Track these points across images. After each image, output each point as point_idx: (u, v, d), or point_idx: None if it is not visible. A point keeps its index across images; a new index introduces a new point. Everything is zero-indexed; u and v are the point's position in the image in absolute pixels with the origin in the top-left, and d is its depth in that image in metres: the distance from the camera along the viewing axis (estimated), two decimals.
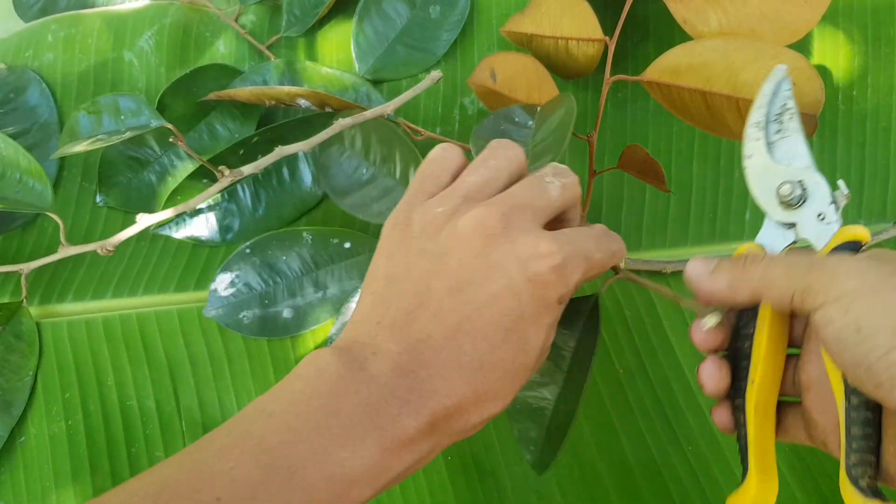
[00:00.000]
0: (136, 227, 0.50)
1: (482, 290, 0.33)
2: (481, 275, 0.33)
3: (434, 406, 0.32)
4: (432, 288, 0.34)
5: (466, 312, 0.33)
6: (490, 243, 0.34)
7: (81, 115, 0.53)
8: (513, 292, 0.33)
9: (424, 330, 0.33)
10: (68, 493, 0.51)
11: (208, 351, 0.54)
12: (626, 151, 0.50)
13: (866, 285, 0.29)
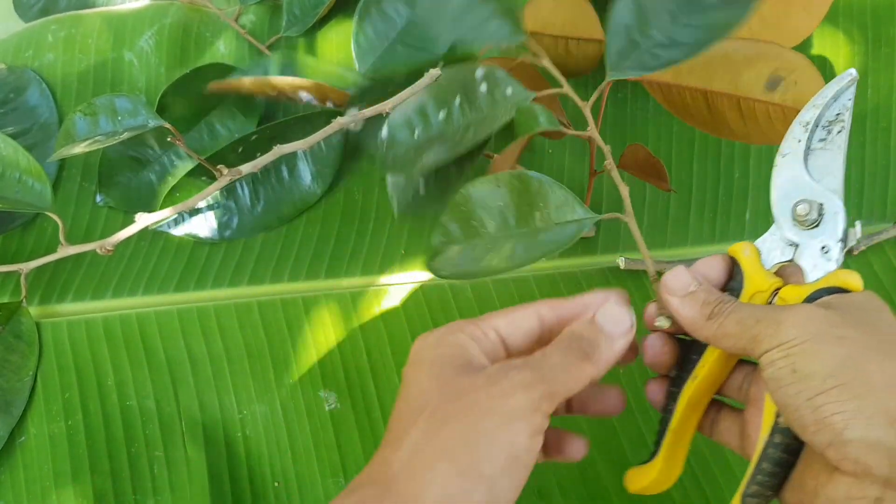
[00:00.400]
0: (135, 226, 0.50)
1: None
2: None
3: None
4: None
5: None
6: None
7: (78, 116, 0.53)
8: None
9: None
10: (68, 493, 0.51)
11: (208, 351, 0.54)
12: (627, 151, 0.50)
13: (808, 333, 0.30)
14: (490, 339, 0.36)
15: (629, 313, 0.36)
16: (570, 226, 0.41)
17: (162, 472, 0.52)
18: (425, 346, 0.36)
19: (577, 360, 0.34)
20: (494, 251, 0.42)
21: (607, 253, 0.56)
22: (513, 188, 0.41)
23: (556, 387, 0.33)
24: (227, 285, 0.56)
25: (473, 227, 0.42)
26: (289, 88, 0.53)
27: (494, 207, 0.42)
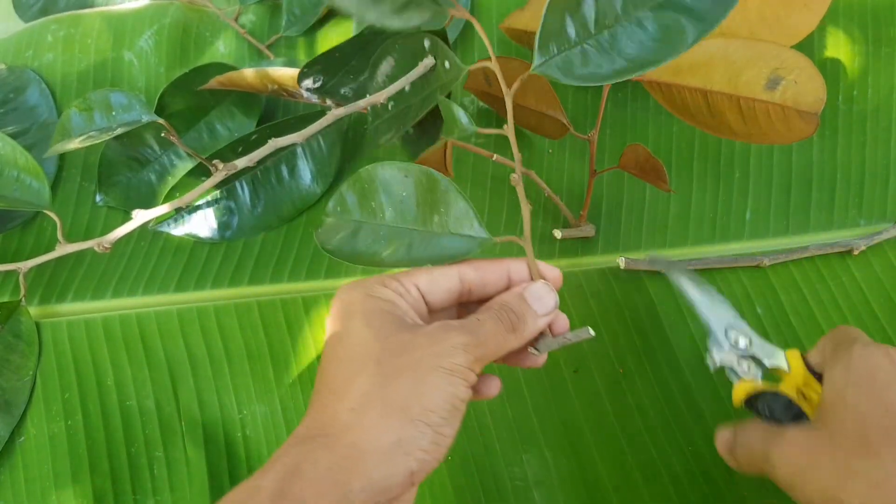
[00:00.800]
0: (132, 223, 0.49)
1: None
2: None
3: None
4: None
5: None
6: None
7: (73, 112, 0.53)
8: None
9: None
10: (68, 493, 0.51)
11: (208, 351, 0.54)
12: (627, 151, 0.50)
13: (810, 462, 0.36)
14: (412, 295, 0.39)
15: (555, 295, 0.40)
16: (464, 240, 0.40)
17: (162, 473, 0.52)
18: (355, 299, 0.38)
19: (506, 330, 0.38)
20: (386, 242, 0.41)
21: (607, 253, 0.56)
22: (419, 183, 0.41)
23: (487, 351, 0.37)
24: (227, 285, 0.56)
25: (372, 208, 0.42)
26: (289, 82, 0.53)
27: (397, 196, 0.41)
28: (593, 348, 0.53)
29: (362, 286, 0.39)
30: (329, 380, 0.36)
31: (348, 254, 0.42)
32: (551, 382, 0.52)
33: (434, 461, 0.34)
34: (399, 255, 0.41)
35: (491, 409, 0.52)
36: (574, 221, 0.55)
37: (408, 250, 0.41)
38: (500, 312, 0.38)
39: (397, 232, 0.41)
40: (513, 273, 0.41)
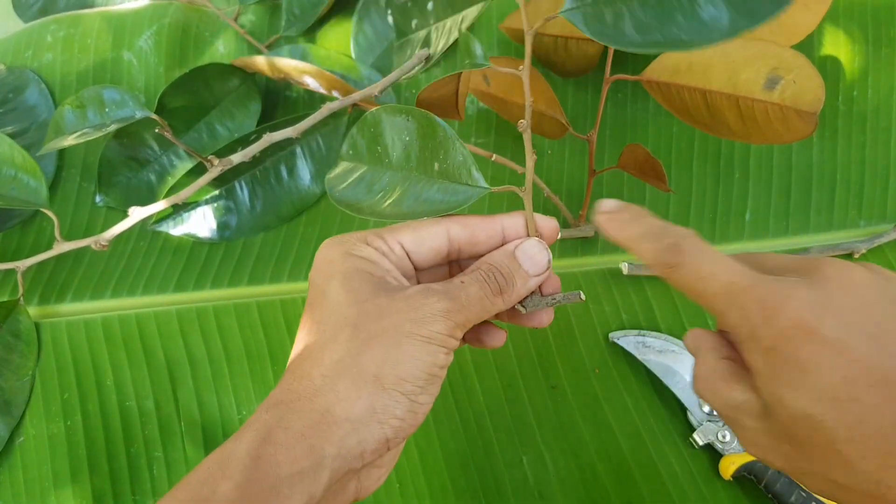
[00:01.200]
0: (129, 220, 0.49)
1: None
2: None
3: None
4: None
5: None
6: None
7: (67, 109, 0.53)
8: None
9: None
10: (67, 493, 0.51)
11: (207, 351, 0.54)
12: (626, 151, 0.50)
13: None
14: (396, 253, 0.38)
15: (548, 253, 0.38)
16: (462, 188, 0.39)
17: (161, 473, 0.52)
18: (335, 257, 0.37)
19: (492, 293, 0.36)
20: (388, 190, 0.40)
21: (607, 253, 0.56)
22: (420, 127, 0.40)
23: (470, 316, 0.35)
24: (227, 285, 0.56)
25: (378, 153, 0.41)
26: (294, 72, 0.53)
27: (400, 139, 0.40)
28: (592, 348, 0.53)
29: (343, 244, 0.37)
30: (304, 344, 0.35)
31: (351, 204, 0.41)
32: (549, 383, 0.52)
33: (411, 427, 0.34)
34: (399, 204, 0.39)
35: (490, 411, 0.52)
36: (573, 221, 0.55)
37: (406, 198, 0.40)
38: (487, 274, 0.37)
39: (400, 178, 0.40)
40: (507, 230, 0.39)
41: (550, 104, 0.51)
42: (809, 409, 0.29)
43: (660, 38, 0.35)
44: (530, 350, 0.53)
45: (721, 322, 0.33)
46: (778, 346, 0.30)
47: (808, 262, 0.33)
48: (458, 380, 0.53)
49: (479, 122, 0.59)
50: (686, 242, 0.33)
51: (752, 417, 0.32)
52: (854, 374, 0.28)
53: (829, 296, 0.30)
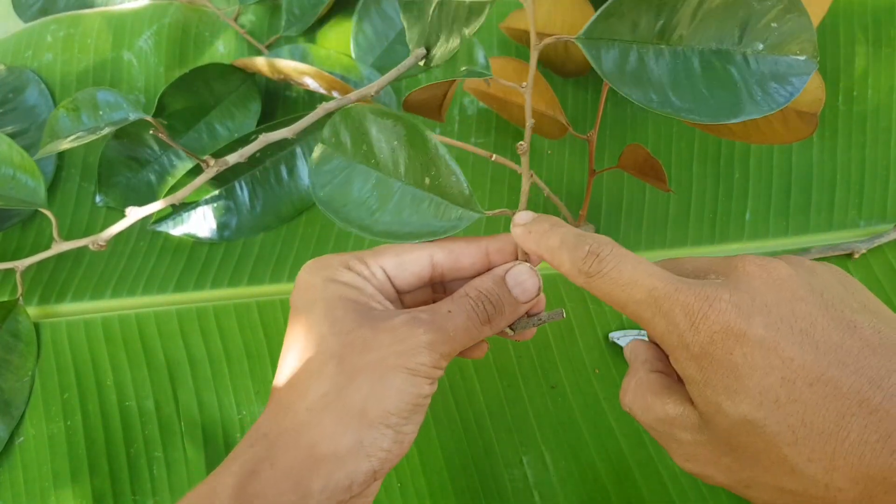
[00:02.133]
0: (126, 220, 0.49)
1: None
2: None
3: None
4: None
5: None
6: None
7: (61, 112, 0.52)
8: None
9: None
10: (67, 493, 0.51)
11: (207, 351, 0.54)
12: (627, 151, 0.50)
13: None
14: (378, 278, 0.37)
15: (539, 279, 0.37)
16: (455, 209, 0.37)
17: (161, 473, 0.52)
18: (316, 283, 0.36)
19: (479, 322, 0.36)
20: (378, 197, 0.38)
21: None
22: (410, 135, 0.38)
23: (456, 346, 0.35)
24: (227, 285, 0.56)
25: (364, 150, 0.39)
26: (294, 73, 0.54)
27: (387, 143, 0.39)
28: (592, 348, 0.53)
29: (324, 268, 0.36)
30: (288, 375, 0.35)
31: (339, 207, 0.39)
32: (549, 384, 0.52)
33: (397, 457, 0.33)
34: (389, 221, 0.38)
35: (490, 411, 0.52)
36: (573, 221, 0.55)
37: (399, 214, 0.38)
38: (475, 302, 0.36)
39: (391, 184, 0.39)
40: (492, 254, 0.38)
41: (550, 104, 0.51)
42: (750, 415, 0.28)
43: (678, 104, 0.34)
44: (530, 350, 0.53)
45: (648, 331, 0.32)
46: (708, 352, 0.29)
47: (727, 262, 0.32)
48: (458, 380, 0.53)
49: (479, 122, 0.59)
50: (604, 249, 0.32)
51: (687, 431, 0.31)
52: (791, 374, 0.27)
53: (754, 294, 0.29)
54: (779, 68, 0.34)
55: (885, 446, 0.25)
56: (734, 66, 0.34)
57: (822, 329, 0.28)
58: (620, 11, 0.34)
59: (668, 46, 0.34)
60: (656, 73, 0.34)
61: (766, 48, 0.34)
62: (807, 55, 0.33)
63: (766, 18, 0.33)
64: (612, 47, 0.35)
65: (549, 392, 0.52)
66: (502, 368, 0.53)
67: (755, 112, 0.33)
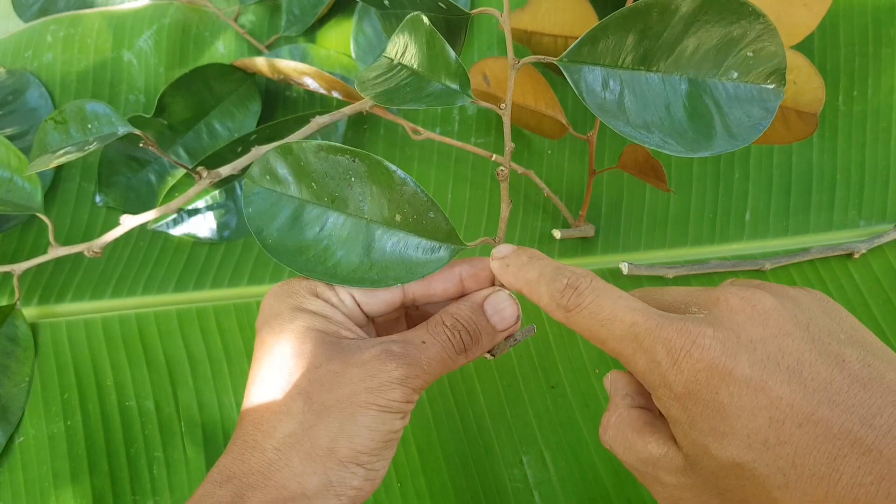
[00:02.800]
0: (120, 228, 0.49)
1: None
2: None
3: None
4: None
5: None
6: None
7: (50, 125, 0.50)
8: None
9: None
10: (67, 493, 0.51)
11: (207, 351, 0.54)
12: (627, 151, 0.50)
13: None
14: (347, 305, 0.35)
15: (517, 306, 0.36)
16: (433, 245, 0.35)
17: (161, 473, 0.52)
18: (283, 311, 0.34)
19: (455, 352, 0.34)
20: (339, 238, 0.35)
21: (607, 253, 0.56)
22: (372, 171, 0.35)
23: (429, 378, 0.34)
24: (227, 285, 0.56)
25: (314, 189, 0.36)
26: (294, 73, 0.54)
27: (342, 182, 0.35)
28: (592, 348, 0.53)
29: (291, 295, 0.35)
30: (254, 411, 0.33)
31: (291, 252, 0.35)
32: (549, 383, 0.52)
33: (368, 494, 0.33)
34: (358, 266, 0.35)
35: (490, 411, 0.52)
36: (573, 221, 0.55)
37: (366, 255, 0.35)
38: (451, 331, 0.34)
39: (350, 225, 0.36)
40: (466, 279, 0.37)
41: (550, 104, 0.51)
42: (739, 458, 0.27)
43: (654, 137, 0.33)
44: (530, 350, 0.53)
45: (630, 369, 0.31)
46: (692, 391, 0.28)
47: (708, 294, 0.31)
48: (458, 380, 0.53)
49: (479, 122, 0.59)
50: (583, 283, 0.31)
51: (671, 473, 0.30)
52: (780, 415, 0.26)
53: (739, 331, 0.28)
54: (750, 98, 0.33)
55: (879, 488, 0.24)
56: (709, 97, 0.33)
57: (810, 365, 0.27)
58: (605, 36, 0.33)
59: (648, 72, 0.34)
60: (638, 101, 0.34)
61: (740, 76, 0.33)
62: (775, 85, 0.33)
63: (742, 45, 0.33)
64: (593, 72, 0.34)
65: (549, 392, 0.52)
66: (502, 368, 0.53)
67: (727, 145, 0.33)
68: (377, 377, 0.32)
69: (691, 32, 0.32)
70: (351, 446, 0.31)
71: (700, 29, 0.32)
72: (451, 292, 0.37)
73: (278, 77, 0.56)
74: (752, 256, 0.55)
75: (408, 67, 0.38)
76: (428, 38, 0.36)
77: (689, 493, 0.30)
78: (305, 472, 0.31)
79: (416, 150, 0.59)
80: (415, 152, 0.59)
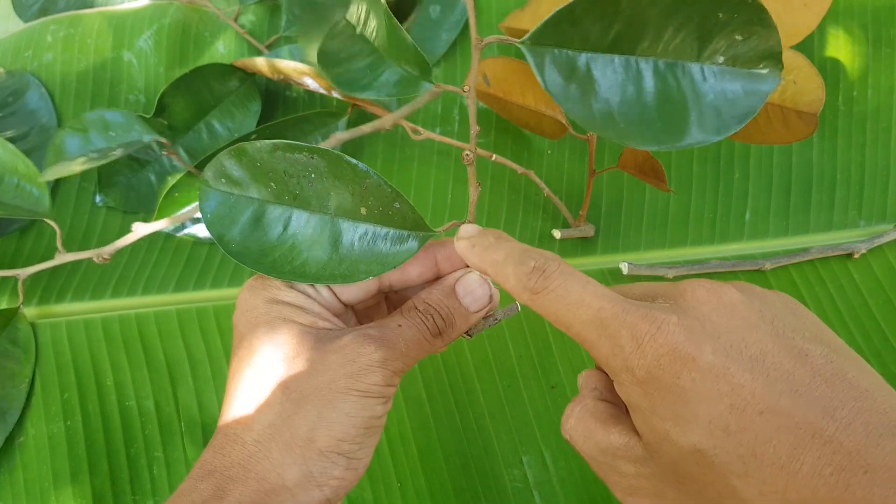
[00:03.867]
0: (131, 236, 0.50)
1: None
2: None
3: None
4: None
5: None
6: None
7: (67, 133, 0.50)
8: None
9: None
10: (67, 493, 0.51)
11: (207, 351, 0.54)
12: (626, 151, 0.50)
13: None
14: (324, 295, 0.35)
15: (489, 286, 0.36)
16: (403, 235, 0.34)
17: (161, 473, 0.52)
18: (258, 304, 0.34)
19: (431, 335, 0.34)
20: (305, 235, 0.35)
21: (607, 253, 0.56)
22: (333, 169, 0.34)
23: (409, 361, 0.34)
24: (227, 285, 0.56)
25: (273, 189, 0.35)
26: (294, 73, 0.54)
27: (302, 179, 0.34)
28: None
29: (265, 288, 0.34)
30: (234, 404, 0.33)
31: (256, 255, 0.34)
32: (549, 383, 0.52)
33: (351, 483, 0.32)
34: (327, 262, 0.34)
35: (490, 411, 0.52)
36: (573, 221, 0.55)
37: (335, 250, 0.35)
38: (424, 315, 0.34)
39: (315, 221, 0.35)
40: (441, 262, 0.36)
41: (550, 104, 0.51)
42: (700, 444, 0.27)
43: (621, 127, 0.31)
44: (530, 350, 0.53)
45: (593, 355, 0.31)
46: (655, 376, 0.28)
47: (676, 286, 0.31)
48: (458, 380, 0.53)
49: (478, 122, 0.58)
50: (551, 265, 0.31)
51: (631, 462, 0.30)
52: (741, 402, 0.26)
53: (704, 320, 0.28)
54: (737, 85, 0.31)
55: (839, 479, 0.24)
56: (688, 82, 0.31)
57: (774, 357, 0.27)
58: (572, 18, 0.31)
59: (620, 56, 0.32)
60: (604, 88, 0.32)
61: (727, 61, 0.31)
62: (769, 69, 0.31)
63: (728, 29, 0.30)
64: (559, 56, 0.31)
65: (549, 392, 0.52)
66: (502, 368, 0.53)
67: (699, 137, 0.31)
68: (356, 361, 0.32)
69: (669, 13, 0.30)
70: (330, 434, 0.31)
71: (679, 9, 0.30)
72: (427, 275, 0.37)
73: (278, 77, 0.56)
74: (752, 256, 0.55)
75: (369, 43, 0.37)
76: (387, 17, 0.36)
77: (647, 483, 0.30)
78: (285, 462, 0.31)
79: (415, 150, 0.59)
80: (415, 152, 0.59)
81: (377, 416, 0.32)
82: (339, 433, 0.31)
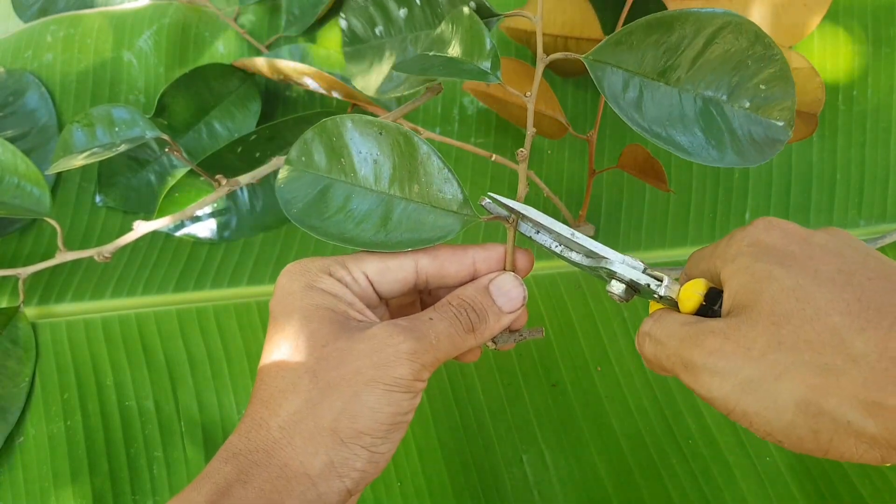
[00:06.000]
0: (132, 234, 0.50)
1: None
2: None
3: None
4: None
5: None
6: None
7: (75, 128, 0.51)
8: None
9: None
10: (67, 493, 0.51)
11: (207, 351, 0.54)
12: (626, 151, 0.50)
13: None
14: (360, 284, 0.35)
15: (523, 289, 0.36)
16: (448, 216, 0.36)
17: (161, 473, 0.52)
18: (295, 290, 0.34)
19: (463, 331, 0.34)
20: (360, 210, 0.37)
21: None
22: (396, 144, 0.37)
23: (439, 355, 0.33)
24: (227, 285, 0.56)
25: (342, 165, 0.37)
26: (294, 74, 0.54)
27: (369, 156, 0.37)
28: (592, 348, 0.53)
29: (304, 274, 0.35)
30: (263, 389, 0.33)
31: (316, 222, 0.37)
32: (550, 382, 0.52)
33: (372, 476, 0.32)
34: (375, 232, 0.36)
35: (490, 410, 0.52)
36: (573, 221, 0.55)
37: (384, 224, 0.36)
38: (458, 310, 0.35)
39: (373, 197, 0.37)
40: (478, 263, 0.37)
41: (550, 104, 0.51)
42: (804, 283, 0.27)
43: (663, 133, 0.37)
44: (531, 348, 0.53)
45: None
46: (761, 241, 0.30)
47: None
48: (458, 379, 0.53)
49: (479, 122, 0.59)
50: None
51: (715, 334, 0.29)
52: (848, 268, 0.28)
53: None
54: (758, 129, 0.36)
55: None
56: (722, 118, 0.36)
57: (874, 260, 0.29)
58: (630, 42, 0.36)
59: (666, 85, 0.37)
60: (654, 107, 0.36)
61: (752, 107, 0.36)
62: (784, 122, 0.35)
63: (756, 79, 0.35)
64: (616, 73, 0.37)
65: (549, 390, 0.52)
66: (502, 367, 0.53)
67: (736, 161, 0.36)
68: (384, 351, 0.32)
69: (709, 52, 0.35)
70: (353, 426, 0.31)
71: (717, 51, 0.35)
72: (463, 275, 0.37)
73: (278, 77, 0.56)
74: None
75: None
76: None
77: (732, 345, 0.28)
78: (307, 451, 0.31)
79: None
80: None
81: (403, 413, 0.33)
82: (362, 426, 0.31)
